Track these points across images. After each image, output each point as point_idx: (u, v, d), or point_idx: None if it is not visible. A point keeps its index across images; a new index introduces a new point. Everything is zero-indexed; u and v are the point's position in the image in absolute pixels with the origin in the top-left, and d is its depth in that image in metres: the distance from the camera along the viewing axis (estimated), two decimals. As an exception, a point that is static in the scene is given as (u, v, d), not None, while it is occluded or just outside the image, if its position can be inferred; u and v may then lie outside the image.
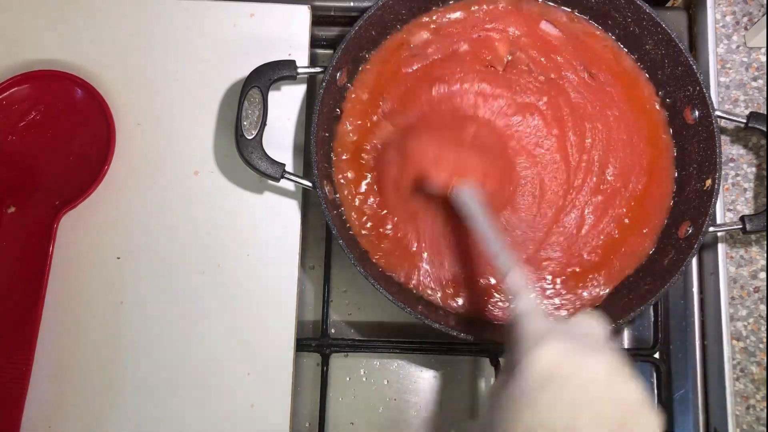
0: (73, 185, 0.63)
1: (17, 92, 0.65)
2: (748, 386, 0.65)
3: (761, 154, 0.69)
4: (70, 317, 0.61)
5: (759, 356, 0.65)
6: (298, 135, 0.67)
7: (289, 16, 0.68)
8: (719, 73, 0.70)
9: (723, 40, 0.71)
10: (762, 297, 0.66)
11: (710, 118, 0.62)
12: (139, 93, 0.66)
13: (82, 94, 0.65)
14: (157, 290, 0.63)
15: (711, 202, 0.60)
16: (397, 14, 0.66)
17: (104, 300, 0.62)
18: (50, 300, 0.60)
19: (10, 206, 0.62)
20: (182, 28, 0.68)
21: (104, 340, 0.61)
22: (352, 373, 0.68)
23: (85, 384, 0.60)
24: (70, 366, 0.61)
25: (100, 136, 0.64)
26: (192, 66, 0.67)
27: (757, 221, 0.62)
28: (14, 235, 0.62)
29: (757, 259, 0.67)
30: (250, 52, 0.67)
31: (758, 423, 0.63)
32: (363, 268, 0.58)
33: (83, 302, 0.62)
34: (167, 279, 0.63)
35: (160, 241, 0.63)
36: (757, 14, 0.72)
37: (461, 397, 0.68)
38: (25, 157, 0.64)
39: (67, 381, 0.60)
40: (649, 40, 0.65)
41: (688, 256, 0.60)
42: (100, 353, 0.61)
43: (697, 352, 0.67)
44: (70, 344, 0.61)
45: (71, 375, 0.60)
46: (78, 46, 0.67)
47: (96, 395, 0.60)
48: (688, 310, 0.68)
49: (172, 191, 0.65)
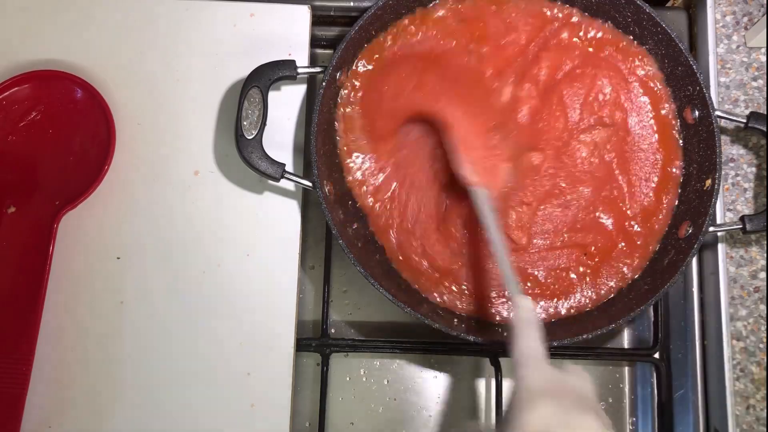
0: (73, 185, 0.63)
1: (17, 92, 0.65)
2: (748, 386, 0.65)
3: (761, 154, 0.69)
4: (70, 317, 0.61)
5: (759, 356, 0.65)
6: (298, 135, 0.67)
7: (289, 16, 0.68)
8: (719, 73, 0.70)
9: (723, 40, 0.71)
10: (762, 297, 0.66)
11: (710, 118, 0.62)
12: (139, 93, 0.66)
13: (82, 94, 0.65)
14: (157, 290, 0.62)
15: (711, 202, 0.60)
16: (398, 13, 0.66)
17: (104, 300, 0.62)
18: (50, 300, 0.60)
19: (10, 206, 0.62)
20: (182, 28, 0.68)
21: (104, 340, 0.61)
22: (352, 373, 0.68)
23: (85, 384, 0.60)
24: (70, 366, 0.61)
25: (100, 136, 0.64)
26: (192, 66, 0.67)
27: (757, 221, 0.62)
28: (14, 235, 0.62)
29: (757, 259, 0.67)
30: (250, 52, 0.67)
31: (758, 423, 0.63)
32: (363, 268, 0.58)
33: (83, 302, 0.62)
34: (167, 279, 0.63)
35: (160, 241, 0.63)
36: (757, 14, 0.72)
37: (461, 397, 0.68)
38: (25, 157, 0.64)
39: (67, 381, 0.60)
40: (649, 40, 0.65)
41: (688, 256, 0.60)
42: (100, 353, 0.61)
43: (697, 352, 0.67)
44: (70, 344, 0.61)
45: (71, 375, 0.60)
46: (78, 46, 0.67)
47: (96, 395, 0.60)
48: (688, 310, 0.68)
49: (172, 191, 0.65)
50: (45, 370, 0.60)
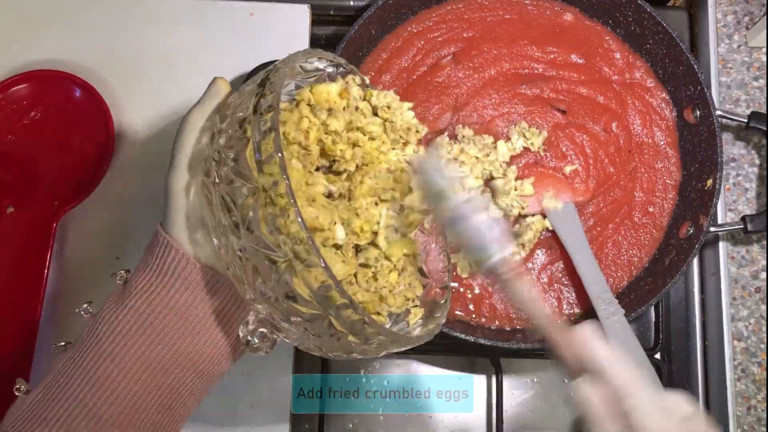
0: (73, 185, 0.63)
1: (17, 92, 0.64)
2: (749, 387, 0.64)
3: (762, 153, 0.69)
4: (70, 317, 0.61)
5: (760, 356, 0.65)
6: (298, 135, 0.66)
7: (289, 16, 0.68)
8: (720, 73, 0.70)
9: (724, 39, 0.71)
10: (763, 297, 0.66)
11: (711, 118, 0.61)
12: (139, 93, 0.66)
13: (82, 94, 0.65)
14: (157, 290, 0.62)
15: (712, 202, 0.60)
16: (398, 13, 0.66)
17: (104, 300, 0.62)
18: (50, 300, 0.60)
19: (10, 206, 0.62)
20: (182, 27, 0.68)
21: (104, 341, 0.61)
22: (351, 373, 0.68)
23: (85, 384, 0.60)
24: (69, 366, 0.61)
25: (100, 136, 0.64)
26: (192, 66, 0.67)
27: (759, 221, 0.62)
28: (14, 235, 0.61)
29: (758, 260, 0.67)
30: (249, 51, 0.66)
31: (759, 423, 0.63)
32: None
33: (83, 302, 0.62)
34: (167, 279, 0.63)
35: (160, 241, 0.63)
36: (758, 14, 0.71)
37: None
38: (24, 157, 0.64)
39: (67, 381, 0.60)
40: (650, 40, 0.65)
41: (689, 257, 0.59)
42: (99, 353, 0.61)
43: (698, 353, 0.67)
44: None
45: (71, 375, 0.60)
46: (78, 46, 0.67)
47: (96, 395, 0.60)
48: (689, 311, 0.68)
49: (171, 191, 0.64)
50: (45, 370, 0.60)
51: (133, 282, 0.40)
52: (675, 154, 0.66)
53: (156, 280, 0.40)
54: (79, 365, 0.39)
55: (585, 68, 0.67)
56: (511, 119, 0.65)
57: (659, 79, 0.67)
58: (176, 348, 0.39)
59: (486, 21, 0.67)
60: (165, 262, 0.40)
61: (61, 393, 0.38)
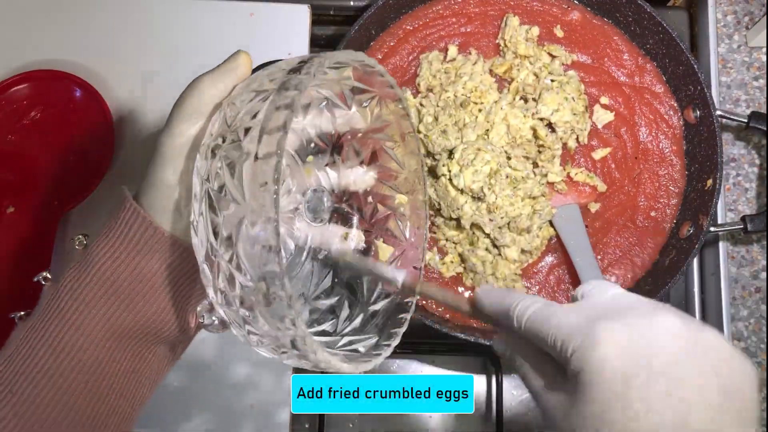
0: (73, 185, 0.63)
1: (17, 92, 0.64)
2: (750, 387, 0.64)
3: (762, 153, 0.69)
4: (70, 317, 0.61)
5: (760, 356, 0.65)
6: (298, 135, 0.66)
7: (289, 16, 0.68)
8: (720, 73, 0.70)
9: (724, 39, 0.71)
10: (763, 297, 0.66)
11: (711, 118, 0.61)
12: (139, 93, 0.66)
13: (82, 94, 0.65)
14: (157, 290, 0.62)
15: (712, 202, 0.60)
16: (398, 13, 0.66)
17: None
18: (50, 300, 0.60)
19: (10, 206, 0.62)
20: (182, 27, 0.68)
21: (104, 341, 0.61)
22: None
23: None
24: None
25: (100, 136, 0.64)
26: (192, 66, 0.67)
27: (759, 221, 0.62)
28: (14, 235, 0.61)
29: (758, 260, 0.67)
30: (249, 51, 0.66)
31: (759, 424, 0.63)
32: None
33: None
34: (167, 279, 0.63)
35: (160, 241, 0.63)
36: (758, 14, 0.71)
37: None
38: (25, 157, 0.64)
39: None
40: (650, 40, 0.65)
41: (689, 256, 0.59)
42: (99, 353, 0.61)
43: (698, 353, 0.66)
44: (69, 344, 0.61)
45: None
46: (78, 46, 0.67)
47: (96, 395, 0.60)
48: (690, 311, 0.68)
49: (171, 191, 0.64)
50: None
51: (95, 248, 0.39)
52: (680, 162, 0.65)
53: (121, 247, 0.39)
54: (42, 335, 0.38)
55: (593, 69, 0.66)
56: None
57: (668, 84, 0.66)
58: (142, 314, 0.39)
59: (487, 14, 0.67)
60: (131, 228, 0.39)
61: (25, 364, 0.38)
